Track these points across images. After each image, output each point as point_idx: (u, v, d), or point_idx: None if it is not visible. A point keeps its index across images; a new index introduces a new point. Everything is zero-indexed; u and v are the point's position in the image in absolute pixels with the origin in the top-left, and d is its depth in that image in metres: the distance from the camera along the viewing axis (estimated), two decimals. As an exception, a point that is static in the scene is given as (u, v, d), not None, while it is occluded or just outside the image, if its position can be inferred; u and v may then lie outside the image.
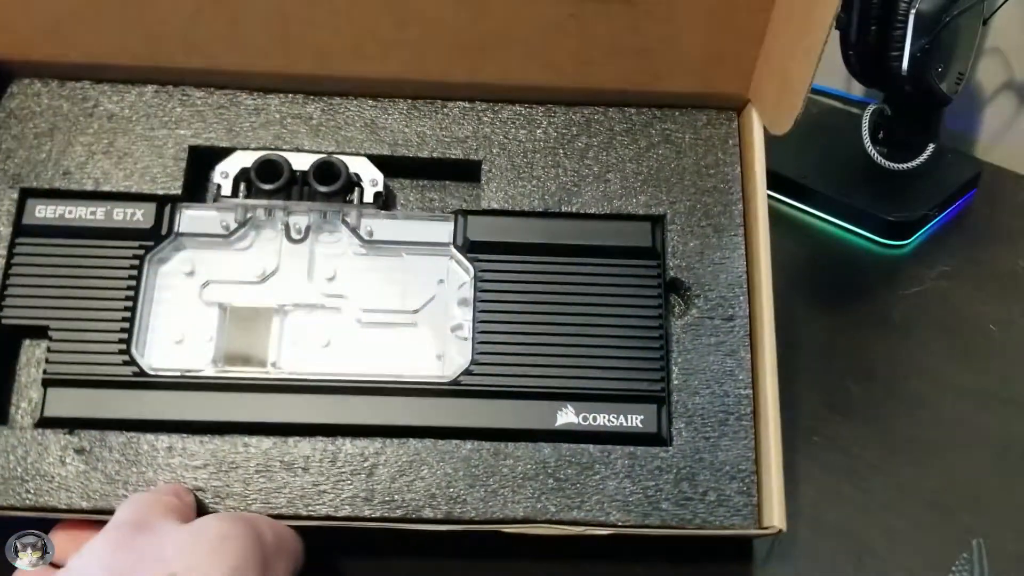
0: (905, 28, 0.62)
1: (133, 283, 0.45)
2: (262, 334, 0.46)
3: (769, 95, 0.47)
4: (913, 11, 0.61)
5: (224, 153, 0.48)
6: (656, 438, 0.46)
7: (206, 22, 0.45)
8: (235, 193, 0.47)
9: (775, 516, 0.44)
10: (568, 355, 0.46)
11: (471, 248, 0.47)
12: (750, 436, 0.46)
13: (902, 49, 0.63)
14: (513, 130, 0.49)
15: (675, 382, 0.46)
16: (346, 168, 0.48)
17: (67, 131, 0.47)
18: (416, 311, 0.47)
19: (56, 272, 0.45)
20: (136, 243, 0.46)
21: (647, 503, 0.45)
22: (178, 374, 0.45)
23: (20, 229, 0.46)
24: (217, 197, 0.47)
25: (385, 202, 0.49)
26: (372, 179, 0.48)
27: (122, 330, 0.45)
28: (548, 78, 0.48)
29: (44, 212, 0.46)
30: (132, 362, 0.44)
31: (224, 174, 0.47)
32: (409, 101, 0.49)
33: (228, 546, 0.36)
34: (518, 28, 0.46)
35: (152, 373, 0.45)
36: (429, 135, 0.49)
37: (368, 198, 0.48)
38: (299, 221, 0.47)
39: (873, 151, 0.69)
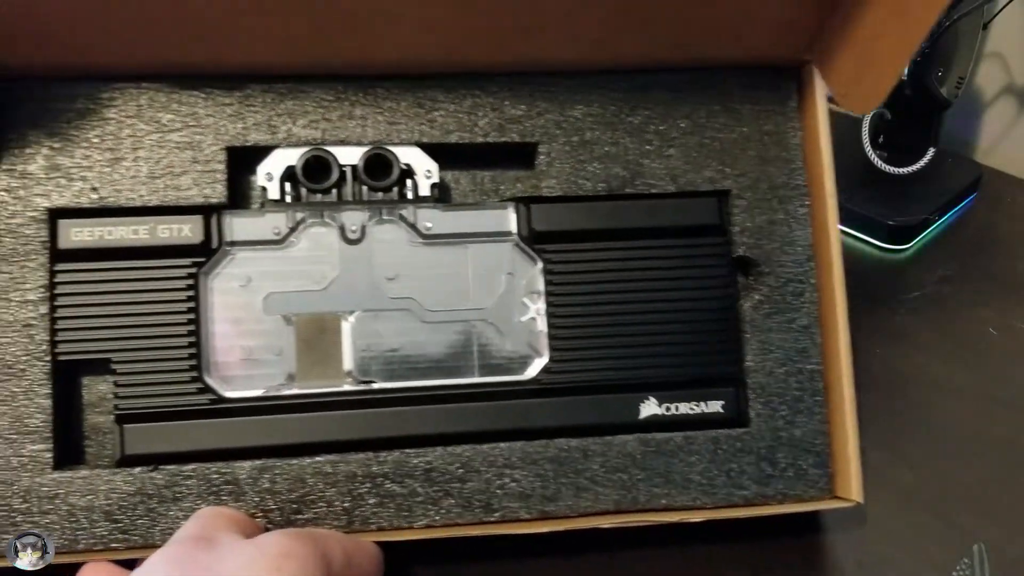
0: (905, 33, 0.62)
1: (192, 304, 0.42)
2: (333, 344, 0.43)
3: (841, 67, 0.46)
4: (913, 16, 0.61)
5: (265, 152, 0.44)
6: (736, 420, 0.45)
7: (238, 11, 0.41)
8: (282, 194, 0.44)
9: (853, 489, 0.45)
10: (644, 343, 0.45)
11: (537, 239, 0.45)
12: (823, 410, 0.46)
13: (902, 54, 0.63)
14: (568, 106, 0.47)
15: (749, 363, 0.46)
16: (397, 160, 0.45)
17: (88, 140, 0.43)
18: (487, 308, 0.45)
19: (107, 300, 0.42)
20: (187, 260, 0.42)
21: (731, 484, 0.45)
22: (257, 396, 0.42)
23: (57, 255, 0.42)
24: (264, 202, 0.44)
25: (441, 193, 0.46)
26: (426, 170, 0.45)
27: (190, 356, 0.42)
28: (604, 55, 0.46)
29: (81, 235, 0.42)
30: (207, 388, 0.42)
31: (268, 176, 0.44)
32: (456, 79, 0.46)
33: (289, 565, 0.34)
34: (575, 4, 0.43)
35: (230, 398, 0.42)
36: (481, 116, 0.46)
37: (424, 190, 0.45)
38: (354, 220, 0.45)
39: (873, 155, 0.70)
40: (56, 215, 0.42)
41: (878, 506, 0.49)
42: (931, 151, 0.69)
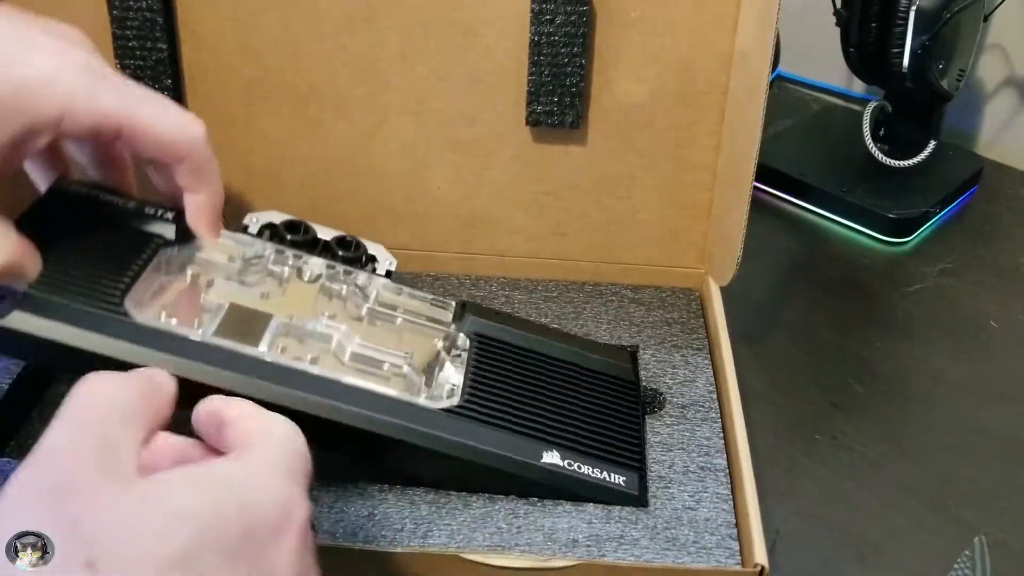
0: (906, 25, 0.65)
1: (144, 259, 0.43)
2: (257, 331, 0.44)
3: (716, 256, 0.55)
4: (914, 8, 0.65)
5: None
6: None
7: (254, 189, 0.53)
8: (260, 232, 0.49)
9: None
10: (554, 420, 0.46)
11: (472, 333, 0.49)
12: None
13: (903, 46, 0.65)
14: (497, 289, 0.56)
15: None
16: (365, 247, 0.50)
17: None
18: (409, 354, 0.46)
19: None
20: (158, 236, 0.45)
21: None
22: (167, 328, 0.41)
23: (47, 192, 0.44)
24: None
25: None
26: (388, 260, 0.51)
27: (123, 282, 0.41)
28: (529, 248, 0.57)
29: (77, 188, 0.45)
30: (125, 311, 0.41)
31: (255, 219, 0.49)
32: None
33: (179, 530, 0.26)
34: (504, 204, 0.55)
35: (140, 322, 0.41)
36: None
37: (380, 271, 0.50)
38: (312, 269, 0.48)
39: (874, 148, 0.71)
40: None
41: (879, 499, 0.49)
42: (932, 144, 0.69)
